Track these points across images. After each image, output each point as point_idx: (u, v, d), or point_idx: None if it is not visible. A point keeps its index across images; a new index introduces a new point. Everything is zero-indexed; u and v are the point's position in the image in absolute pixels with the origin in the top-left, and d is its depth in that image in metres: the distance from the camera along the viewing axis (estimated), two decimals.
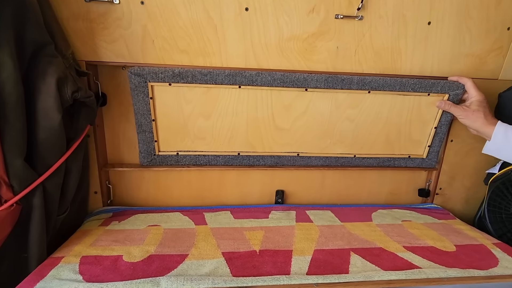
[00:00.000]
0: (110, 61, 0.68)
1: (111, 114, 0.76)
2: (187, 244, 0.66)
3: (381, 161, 0.86)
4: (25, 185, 0.54)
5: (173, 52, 0.69)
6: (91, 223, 0.74)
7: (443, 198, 0.93)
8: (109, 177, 0.81)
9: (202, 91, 0.72)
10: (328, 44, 0.72)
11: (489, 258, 0.64)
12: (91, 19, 0.64)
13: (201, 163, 0.80)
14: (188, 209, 0.83)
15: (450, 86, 0.76)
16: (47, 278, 0.52)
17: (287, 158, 0.82)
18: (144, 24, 0.66)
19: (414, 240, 0.71)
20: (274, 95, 0.75)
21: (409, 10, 0.72)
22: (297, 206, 0.88)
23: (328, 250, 0.65)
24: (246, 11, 0.67)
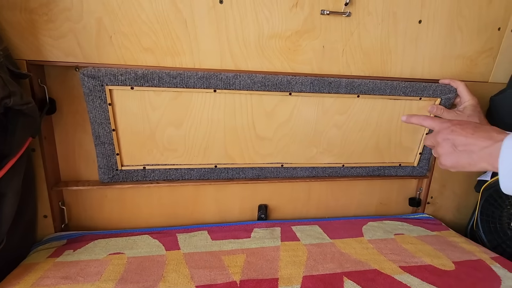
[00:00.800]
0: (58, 61, 0.57)
1: (64, 124, 0.65)
2: (154, 277, 0.55)
3: (370, 170, 0.80)
4: None
5: (136, 51, 0.59)
6: (38, 254, 0.61)
7: (434, 207, 0.89)
8: (63, 197, 0.69)
9: (172, 96, 0.62)
10: (313, 43, 0.65)
11: (491, 278, 0.59)
12: (31, 9, 0.53)
13: (172, 178, 0.70)
14: (159, 231, 0.72)
15: (442, 89, 0.71)
16: None
17: (270, 170, 0.74)
18: (99, 17, 0.55)
19: (409, 258, 0.65)
20: (255, 100, 0.66)
21: (400, 7, 0.66)
22: (281, 221, 0.79)
23: (319, 276, 0.57)
24: (221, 4, 0.59)
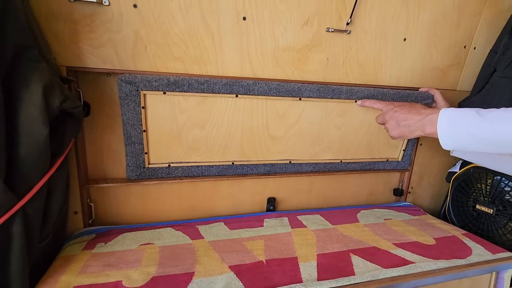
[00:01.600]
0: (96, 67, 0.62)
1: (94, 126, 0.69)
2: (189, 261, 0.62)
3: (363, 165, 0.92)
4: (3, 211, 0.46)
5: (167, 60, 0.66)
6: (72, 247, 0.66)
7: (414, 196, 1.04)
8: (90, 194, 0.73)
9: (198, 101, 0.69)
10: (319, 55, 0.76)
11: (463, 248, 0.73)
12: (75, 21, 0.58)
13: (194, 174, 0.76)
14: (179, 223, 0.79)
15: (422, 96, 0.85)
16: None
17: (280, 166, 0.83)
18: (137, 29, 0.62)
19: (399, 237, 0.78)
20: (270, 104, 0.76)
21: (389, 27, 0.79)
22: (288, 212, 0.89)
23: (330, 253, 0.68)
24: (244, 20, 0.67)
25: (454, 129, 0.57)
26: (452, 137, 0.57)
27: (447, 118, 0.58)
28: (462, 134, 0.56)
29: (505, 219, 0.80)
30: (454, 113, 0.58)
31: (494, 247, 0.74)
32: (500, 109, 0.53)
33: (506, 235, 0.80)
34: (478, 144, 0.55)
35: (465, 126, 0.55)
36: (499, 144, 0.52)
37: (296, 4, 0.69)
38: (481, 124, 0.53)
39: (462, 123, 0.56)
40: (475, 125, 0.54)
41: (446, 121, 0.58)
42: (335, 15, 0.73)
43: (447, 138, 0.58)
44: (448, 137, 0.58)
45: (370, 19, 0.76)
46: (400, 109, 0.69)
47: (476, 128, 0.54)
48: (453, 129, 0.57)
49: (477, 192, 0.88)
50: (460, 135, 0.56)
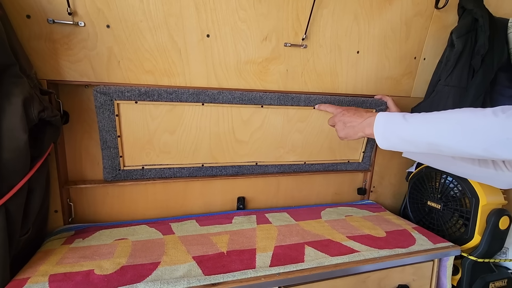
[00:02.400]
0: (74, 80, 0.70)
1: (73, 132, 0.76)
2: (158, 252, 0.69)
3: (326, 166, 1.01)
4: None
5: (139, 73, 0.73)
6: (52, 242, 0.72)
7: (376, 195, 1.12)
8: (70, 194, 0.80)
9: (168, 109, 0.77)
10: (279, 67, 0.84)
11: (409, 239, 0.81)
12: (54, 40, 0.66)
13: (166, 176, 0.84)
14: (154, 221, 0.86)
15: (376, 102, 0.94)
16: None
17: (247, 167, 0.91)
18: (110, 46, 0.69)
19: (354, 230, 0.85)
20: (234, 111, 0.84)
21: (343, 41, 0.88)
22: (257, 210, 0.97)
23: (286, 245, 0.75)
24: (208, 37, 0.75)
25: (386, 131, 0.65)
26: (385, 138, 0.66)
27: (381, 121, 0.67)
28: (391, 136, 0.64)
29: (450, 213, 0.89)
30: (387, 117, 0.66)
31: (437, 238, 0.82)
32: (420, 114, 0.62)
33: (451, 228, 0.89)
34: (404, 144, 0.63)
35: (394, 129, 0.64)
36: (419, 144, 0.61)
37: (255, 22, 0.77)
38: (404, 127, 0.62)
39: (391, 126, 0.64)
40: (400, 128, 0.62)
41: (381, 124, 0.66)
42: (291, 32, 0.81)
43: (381, 139, 0.66)
44: (382, 138, 0.66)
45: (324, 35, 0.85)
46: (347, 112, 0.77)
47: (401, 130, 0.62)
48: (385, 131, 0.65)
49: (429, 190, 0.97)
50: (390, 137, 0.65)
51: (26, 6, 0.62)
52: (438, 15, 0.94)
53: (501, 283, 0.86)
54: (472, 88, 0.89)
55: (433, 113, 0.62)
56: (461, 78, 0.89)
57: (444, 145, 0.57)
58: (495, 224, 0.81)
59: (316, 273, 0.65)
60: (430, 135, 0.59)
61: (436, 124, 0.58)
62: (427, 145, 0.60)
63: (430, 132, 0.59)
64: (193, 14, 0.72)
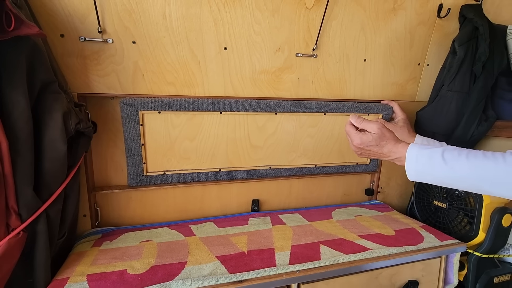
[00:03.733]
0: (102, 93, 0.75)
1: (99, 141, 0.81)
2: (183, 253, 0.74)
3: (336, 169, 1.05)
4: (31, 213, 0.58)
5: (161, 84, 0.78)
6: (82, 245, 0.77)
7: (383, 195, 1.16)
8: (96, 199, 0.85)
9: (188, 117, 0.82)
10: (291, 76, 0.89)
11: (417, 237, 0.86)
12: (85, 56, 0.71)
13: (186, 180, 0.89)
14: (174, 224, 0.90)
15: (383, 108, 0.99)
16: None
17: (261, 171, 0.96)
18: (136, 61, 0.74)
19: (365, 230, 0.90)
20: (250, 119, 0.88)
21: (351, 50, 0.92)
22: (270, 212, 1.01)
23: (302, 244, 0.80)
24: (225, 50, 0.80)
25: (419, 169, 0.65)
26: (417, 175, 0.66)
27: (414, 158, 0.65)
28: (426, 175, 0.65)
29: (455, 212, 0.93)
30: (421, 153, 0.65)
31: (443, 236, 0.87)
32: (462, 157, 0.61)
33: (457, 226, 0.93)
34: (438, 183, 0.66)
35: (430, 169, 0.64)
36: (455, 186, 0.64)
37: (269, 35, 0.82)
38: (443, 170, 0.62)
39: (427, 166, 0.64)
40: (438, 170, 0.63)
41: (413, 161, 0.65)
42: (302, 43, 0.86)
43: (413, 176, 0.67)
44: (413, 175, 0.67)
45: (333, 45, 0.90)
46: (367, 147, 0.72)
47: (439, 172, 0.63)
48: (418, 169, 0.65)
49: (434, 190, 1.01)
50: (424, 175, 0.65)
51: (60, 26, 0.67)
52: (440, 23, 0.99)
53: (505, 277, 0.90)
54: (474, 93, 0.94)
55: (479, 156, 0.61)
56: (463, 83, 0.94)
57: (485, 192, 0.61)
58: (498, 221, 0.85)
59: (332, 270, 0.69)
60: (471, 183, 0.61)
61: (479, 173, 0.59)
62: (462, 187, 0.64)
63: (470, 181, 0.60)
64: (211, 29, 0.77)
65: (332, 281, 0.71)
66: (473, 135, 0.97)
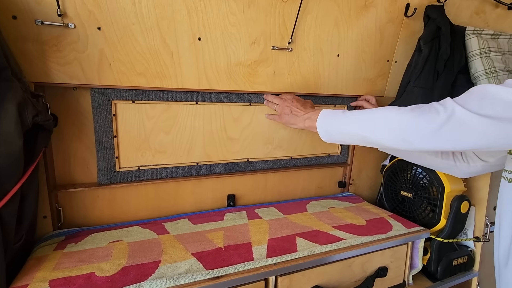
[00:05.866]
0: (63, 83, 0.68)
1: (61, 135, 0.75)
2: (156, 252, 0.71)
3: (310, 160, 1.07)
4: None
5: (131, 75, 0.74)
6: (43, 248, 0.71)
7: (355, 187, 1.21)
8: (58, 199, 0.78)
9: (163, 108, 0.78)
10: (267, 69, 0.88)
11: (387, 226, 0.90)
12: (42, 42, 0.64)
13: (162, 176, 0.85)
14: (146, 222, 0.86)
15: (348, 99, 1.03)
16: None
17: (239, 164, 0.95)
18: (101, 49, 0.69)
19: (338, 221, 0.93)
20: (225, 110, 0.87)
21: (324, 45, 0.94)
22: (246, 206, 1.01)
23: (279, 237, 0.80)
24: (199, 41, 0.77)
25: (326, 124, 0.74)
26: (325, 131, 0.75)
27: (324, 115, 0.75)
28: (330, 128, 0.74)
29: (420, 201, 1.00)
30: (329, 112, 0.75)
31: (410, 224, 0.92)
32: (357, 111, 0.71)
33: (421, 214, 0.99)
34: (341, 136, 0.73)
35: (332, 122, 0.73)
36: (353, 136, 0.71)
37: (244, 27, 0.81)
38: (342, 120, 0.71)
39: (331, 120, 0.73)
40: (338, 121, 0.72)
41: (323, 117, 0.75)
42: (278, 36, 0.86)
43: (322, 131, 0.75)
44: (323, 131, 0.75)
45: (308, 39, 0.90)
46: (296, 101, 0.85)
47: (338, 124, 0.72)
48: (326, 124, 0.74)
49: (401, 181, 1.07)
50: (329, 129, 0.74)
51: (12, 7, 0.60)
52: (407, 22, 1.04)
53: (463, 259, 0.98)
54: (437, 89, 1.00)
55: (367, 110, 0.71)
56: (428, 80, 1.00)
57: (373, 138, 0.67)
58: (457, 208, 0.92)
59: (309, 261, 0.70)
60: (361, 129, 0.68)
61: (366, 120, 0.68)
62: (360, 138, 0.70)
63: (361, 126, 0.68)
64: (185, 18, 0.74)
65: (308, 272, 0.72)
66: None
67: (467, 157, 0.84)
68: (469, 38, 1.06)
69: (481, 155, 0.82)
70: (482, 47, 1.04)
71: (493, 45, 1.05)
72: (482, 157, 0.82)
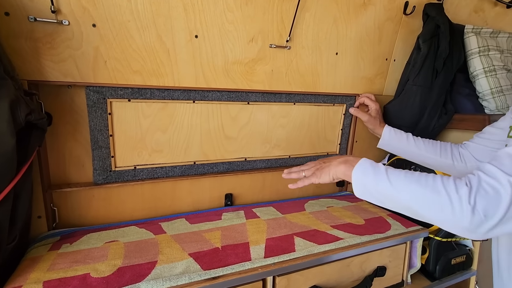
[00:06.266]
0: (57, 81, 0.67)
1: (55, 134, 0.74)
2: (153, 252, 0.70)
3: (308, 159, 1.06)
4: None
5: (126, 73, 0.73)
6: (37, 249, 0.70)
7: None
8: (53, 199, 0.77)
9: (160, 107, 0.77)
10: (265, 67, 0.87)
11: (385, 225, 0.90)
12: (35, 39, 0.63)
13: (158, 176, 0.84)
14: (142, 222, 0.85)
15: (346, 98, 1.02)
16: None
17: (237, 164, 0.94)
18: (96, 46, 0.68)
19: (337, 220, 0.92)
20: (223, 108, 0.86)
21: (323, 43, 0.93)
22: (244, 206, 1.00)
23: (277, 237, 0.79)
24: (196, 38, 0.76)
25: (367, 178, 0.60)
26: (362, 185, 0.61)
27: (362, 165, 0.62)
28: (370, 184, 0.60)
29: None
30: (369, 162, 0.62)
31: (408, 223, 0.92)
32: (403, 174, 0.57)
33: None
34: (385, 199, 0.60)
35: (376, 180, 0.59)
36: (395, 205, 0.59)
37: (242, 24, 0.80)
38: (386, 179, 0.58)
39: (374, 175, 0.59)
40: (382, 179, 0.58)
41: (361, 168, 0.62)
42: (276, 34, 0.85)
43: (359, 186, 0.62)
44: (360, 185, 0.62)
45: (307, 37, 0.89)
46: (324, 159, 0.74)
47: (383, 182, 0.58)
48: (365, 178, 0.61)
49: None
50: (369, 185, 0.60)
51: (4, 3, 0.59)
52: (406, 20, 1.03)
53: (461, 258, 0.98)
54: (436, 87, 0.99)
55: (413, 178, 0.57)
56: (427, 78, 0.99)
57: (427, 217, 0.55)
58: None
59: (307, 260, 0.70)
60: (411, 201, 0.56)
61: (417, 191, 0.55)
62: (403, 208, 0.59)
63: (411, 198, 0.56)
64: (181, 15, 0.73)
65: (307, 272, 0.71)
66: (435, 127, 1.03)
67: (465, 157, 0.84)
68: (468, 37, 1.06)
69: (478, 156, 0.82)
70: (481, 45, 1.04)
71: (492, 44, 1.05)
72: (478, 157, 0.82)
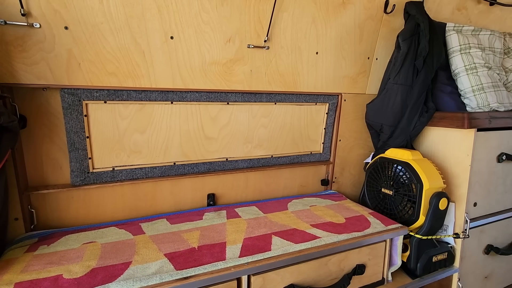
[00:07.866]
0: (30, 83, 0.67)
1: (31, 136, 0.74)
2: (129, 253, 0.70)
3: (291, 159, 1.07)
4: None
5: (101, 75, 0.73)
6: (14, 251, 0.70)
7: (338, 185, 1.21)
8: (31, 201, 0.78)
9: (137, 108, 0.78)
10: (243, 68, 0.88)
11: (365, 223, 0.90)
12: (6, 42, 0.63)
13: (138, 177, 0.84)
14: (123, 223, 0.86)
15: (329, 97, 1.02)
16: None
17: (218, 164, 0.94)
18: (69, 48, 0.68)
19: (317, 219, 0.93)
20: (202, 109, 0.86)
21: (302, 43, 0.93)
22: (226, 205, 1.00)
23: (255, 237, 0.80)
24: (172, 39, 0.77)
25: None
26: None
27: None
28: None
29: (400, 198, 1.00)
30: None
31: (389, 221, 0.92)
32: None
33: (402, 211, 0.99)
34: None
35: None
36: None
37: (218, 25, 0.80)
38: None
39: None
40: None
41: None
42: (254, 34, 0.85)
43: None
44: None
45: (285, 37, 0.90)
46: None
47: None
48: None
49: (383, 178, 1.07)
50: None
51: None
52: (387, 19, 1.03)
53: (442, 256, 0.98)
54: (416, 86, 1.00)
55: None
56: (407, 77, 0.99)
57: None
58: (436, 205, 0.92)
59: (282, 259, 0.70)
60: None
61: None
62: None
63: None
64: (155, 16, 0.73)
65: (282, 271, 0.72)
66: (416, 125, 1.03)
67: None
68: (449, 35, 1.06)
69: None
70: (462, 43, 1.04)
71: (473, 41, 1.05)
72: None
